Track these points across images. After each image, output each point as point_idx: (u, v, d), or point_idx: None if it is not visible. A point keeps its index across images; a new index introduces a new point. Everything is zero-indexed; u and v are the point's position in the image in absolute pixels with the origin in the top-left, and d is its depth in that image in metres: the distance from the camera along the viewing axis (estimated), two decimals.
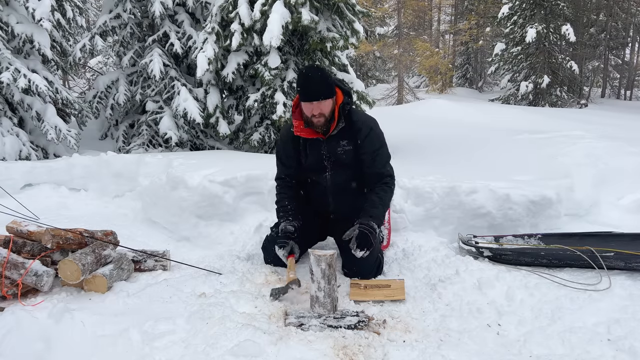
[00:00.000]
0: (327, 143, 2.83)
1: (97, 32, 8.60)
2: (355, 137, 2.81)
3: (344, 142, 2.82)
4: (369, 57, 23.43)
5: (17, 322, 2.14)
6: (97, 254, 2.77)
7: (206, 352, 2.04)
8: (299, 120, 2.80)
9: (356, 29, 6.77)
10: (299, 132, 2.80)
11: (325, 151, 2.85)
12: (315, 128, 2.76)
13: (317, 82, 2.65)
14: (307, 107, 2.68)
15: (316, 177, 2.95)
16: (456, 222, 3.39)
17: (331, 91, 2.69)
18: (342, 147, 2.83)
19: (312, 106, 2.66)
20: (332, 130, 2.77)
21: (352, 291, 2.62)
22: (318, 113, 2.68)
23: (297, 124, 2.81)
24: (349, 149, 2.83)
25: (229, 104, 7.94)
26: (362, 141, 2.81)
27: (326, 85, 2.66)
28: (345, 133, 2.81)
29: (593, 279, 2.70)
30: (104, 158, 4.79)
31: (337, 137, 2.82)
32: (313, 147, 2.86)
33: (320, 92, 2.64)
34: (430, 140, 7.54)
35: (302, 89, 2.67)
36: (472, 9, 25.45)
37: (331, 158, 2.86)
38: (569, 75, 18.03)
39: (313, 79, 2.65)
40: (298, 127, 2.80)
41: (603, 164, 4.29)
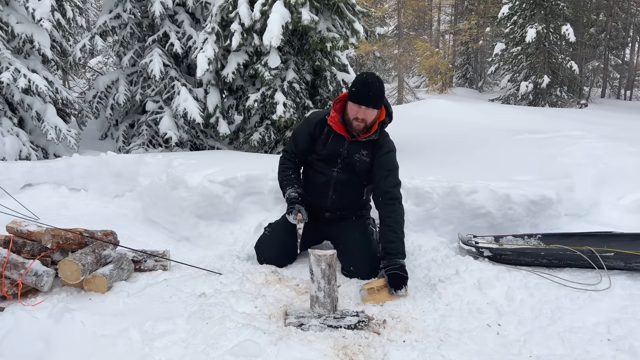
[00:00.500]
0: (350, 145, 2.93)
1: (97, 32, 8.60)
2: (376, 151, 2.92)
3: (364, 152, 2.93)
4: (369, 57, 23.41)
5: (17, 322, 2.14)
6: (97, 254, 2.77)
7: (206, 352, 2.04)
8: (337, 112, 2.90)
9: (356, 29, 6.78)
10: (333, 122, 2.90)
11: (345, 151, 2.93)
12: (350, 130, 2.86)
13: (374, 90, 2.74)
14: (354, 109, 2.77)
15: (324, 169, 3.01)
16: (456, 222, 3.39)
17: (381, 103, 2.81)
18: (360, 155, 2.93)
19: (360, 110, 2.75)
20: (363, 137, 2.87)
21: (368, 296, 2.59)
22: (362, 118, 2.78)
23: (334, 115, 2.90)
24: (366, 160, 2.93)
25: (229, 104, 7.94)
26: (380, 156, 2.91)
27: (380, 96, 2.77)
28: (369, 145, 2.92)
29: (593, 279, 2.70)
30: (104, 158, 4.79)
31: (361, 144, 2.92)
32: (335, 142, 2.94)
33: (373, 100, 2.74)
34: (430, 140, 7.54)
35: (359, 91, 2.74)
36: (472, 9, 25.45)
37: (346, 160, 2.94)
38: (569, 75, 18.03)
39: (373, 86, 2.74)
40: (334, 118, 2.90)
41: (603, 164, 4.29)
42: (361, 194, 3.08)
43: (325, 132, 2.96)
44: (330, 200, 3.03)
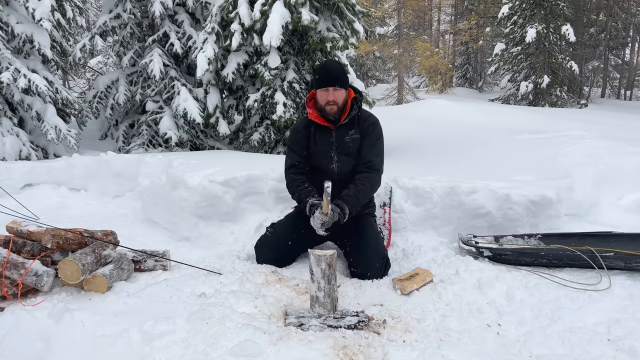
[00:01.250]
0: (337, 132, 3.01)
1: (97, 32, 8.60)
2: (361, 126, 3.03)
3: (352, 131, 3.01)
4: (369, 57, 23.42)
5: (17, 322, 2.14)
6: (97, 254, 2.77)
7: (206, 352, 2.04)
8: (312, 109, 3.03)
9: (356, 29, 6.77)
10: (313, 117, 3.00)
11: (334, 139, 3.01)
12: (327, 116, 2.96)
13: (335, 70, 2.92)
14: (323, 95, 2.92)
15: (324, 167, 3.04)
16: (456, 222, 3.39)
17: (346, 80, 2.94)
18: (350, 137, 3.01)
19: (328, 93, 2.89)
20: (343, 119, 2.98)
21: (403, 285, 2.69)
22: (332, 100, 2.90)
23: (311, 111, 3.03)
24: (356, 137, 3.01)
25: (229, 104, 7.94)
26: (365, 130, 3.02)
27: (343, 75, 2.92)
28: (354, 123, 3.03)
29: (593, 279, 2.70)
30: (104, 158, 4.79)
31: (346, 126, 3.01)
32: (323, 135, 3.03)
33: (337, 79, 2.88)
34: (430, 140, 7.54)
35: (320, 76, 2.92)
36: (472, 9, 25.45)
37: (339, 147, 3.00)
38: (569, 75, 18.02)
39: (332, 67, 2.94)
40: (312, 114, 3.01)
41: (603, 164, 4.29)
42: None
43: (312, 131, 3.06)
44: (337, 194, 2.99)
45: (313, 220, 2.80)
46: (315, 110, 3.02)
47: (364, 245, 2.90)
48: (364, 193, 2.93)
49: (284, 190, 3.53)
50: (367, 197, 3.00)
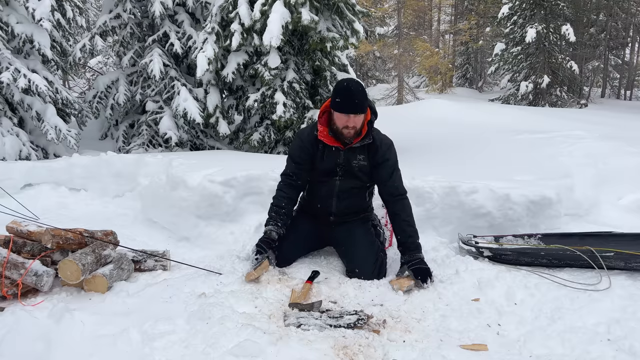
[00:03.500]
0: (345, 153, 2.91)
1: (97, 32, 8.61)
2: (373, 153, 2.91)
3: (361, 156, 2.92)
4: (369, 57, 23.42)
5: (17, 322, 2.14)
6: (97, 254, 2.77)
7: (206, 352, 2.04)
8: (324, 126, 2.88)
9: (356, 29, 6.78)
10: (322, 137, 2.88)
11: (341, 160, 2.92)
12: (342, 139, 2.85)
13: (359, 96, 2.72)
14: (342, 119, 2.76)
15: (326, 179, 3.01)
16: (456, 222, 3.39)
17: (366, 106, 2.79)
18: (357, 161, 2.92)
19: (348, 119, 2.74)
20: (355, 142, 2.86)
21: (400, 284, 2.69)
22: (352, 126, 2.77)
23: (322, 129, 2.88)
24: (364, 164, 2.93)
25: (229, 104, 7.94)
26: (381, 157, 2.91)
27: (364, 100, 2.75)
28: (364, 149, 2.91)
29: (593, 279, 2.70)
30: (104, 158, 4.79)
31: (355, 150, 2.91)
32: (330, 154, 2.93)
33: (359, 107, 2.72)
34: (430, 140, 7.54)
35: (343, 101, 2.72)
36: (472, 9, 25.45)
37: (345, 167, 2.94)
38: (569, 75, 18.02)
39: (355, 93, 2.72)
40: (322, 132, 2.88)
41: (603, 164, 4.29)
42: (364, 197, 3.10)
43: (319, 147, 2.94)
44: (336, 207, 3.03)
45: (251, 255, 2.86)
46: (326, 128, 2.88)
47: (356, 251, 2.93)
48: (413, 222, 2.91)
49: None
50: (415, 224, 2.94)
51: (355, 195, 3.04)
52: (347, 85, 2.75)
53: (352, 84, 2.76)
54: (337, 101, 2.73)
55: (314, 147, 2.95)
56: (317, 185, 3.07)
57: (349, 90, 2.72)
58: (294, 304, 2.45)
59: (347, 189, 2.99)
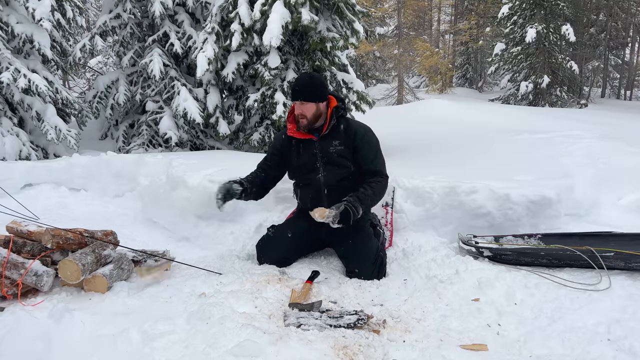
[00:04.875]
0: (320, 143, 2.98)
1: (97, 32, 8.61)
2: (351, 139, 2.96)
3: (336, 142, 2.97)
4: (369, 57, 23.43)
5: (17, 322, 2.14)
6: (97, 254, 2.76)
7: (206, 352, 2.04)
8: (292, 123, 3.02)
9: (356, 29, 6.78)
10: (292, 133, 3.01)
11: (318, 150, 2.98)
12: (301, 129, 2.96)
13: (302, 84, 2.92)
14: (295, 107, 2.95)
15: (310, 178, 3.02)
16: (456, 222, 3.39)
17: (316, 95, 2.91)
18: (334, 147, 2.97)
19: (297, 106, 2.92)
20: (325, 130, 2.96)
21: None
22: (299, 113, 2.92)
23: (291, 126, 3.02)
24: (341, 148, 2.96)
25: (229, 104, 7.94)
26: (360, 142, 2.97)
27: (311, 89, 2.91)
28: (338, 134, 2.98)
29: (593, 279, 2.70)
30: (104, 158, 4.79)
31: (329, 137, 2.97)
32: (306, 147, 3.01)
33: (302, 93, 2.88)
34: (430, 140, 7.54)
35: (292, 89, 2.97)
36: (472, 9, 25.45)
37: (323, 158, 2.98)
38: (569, 75, 18.02)
39: (301, 81, 2.95)
40: (291, 129, 3.01)
41: (603, 164, 4.29)
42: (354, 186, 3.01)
43: (293, 144, 3.05)
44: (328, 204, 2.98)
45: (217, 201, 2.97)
46: (294, 124, 3.01)
47: (355, 251, 2.92)
48: (378, 195, 2.95)
49: (284, 190, 3.55)
50: (377, 200, 3.00)
51: (344, 187, 2.97)
52: (299, 76, 3.03)
53: (304, 75, 3.04)
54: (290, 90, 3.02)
55: (286, 145, 3.07)
56: (304, 187, 3.08)
57: (298, 80, 2.97)
58: (294, 304, 2.45)
59: (334, 183, 2.98)
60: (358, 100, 7.12)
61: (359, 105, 7.17)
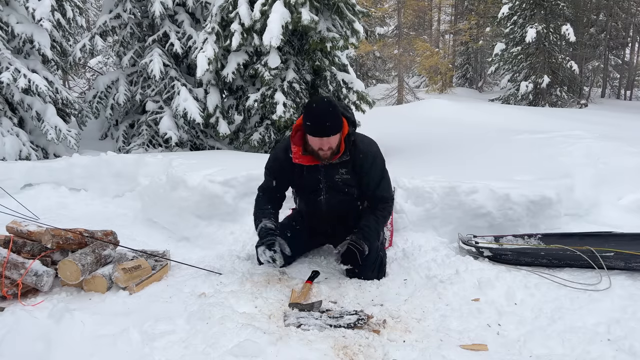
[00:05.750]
0: (325, 169, 2.78)
1: (97, 32, 8.61)
2: (358, 167, 2.76)
3: (343, 170, 2.77)
4: (369, 57, 23.43)
5: (17, 322, 2.14)
6: (97, 254, 2.77)
7: (206, 352, 2.04)
8: (298, 146, 2.69)
9: (356, 29, 6.78)
10: (297, 159, 2.71)
11: (322, 176, 2.81)
12: (319, 160, 2.68)
13: (328, 118, 2.51)
14: (315, 142, 2.58)
15: (311, 198, 2.92)
16: (456, 222, 3.39)
17: (340, 125, 2.57)
18: (340, 175, 2.78)
19: (322, 142, 2.56)
20: (335, 160, 2.71)
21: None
22: (327, 148, 2.59)
23: (296, 150, 2.69)
24: (347, 177, 2.79)
25: (229, 104, 7.94)
26: (367, 170, 2.77)
27: (336, 120, 2.54)
28: (346, 163, 2.76)
29: (593, 279, 2.70)
30: (104, 158, 4.79)
31: (336, 165, 2.76)
32: (310, 171, 2.80)
33: (331, 129, 2.52)
34: (430, 140, 7.54)
35: (312, 125, 2.53)
36: (472, 9, 25.46)
37: (327, 183, 2.82)
38: (569, 75, 18.03)
39: (324, 115, 2.51)
40: (297, 154, 2.70)
41: (603, 164, 4.29)
42: (356, 206, 2.99)
43: (297, 166, 2.77)
44: (329, 222, 2.99)
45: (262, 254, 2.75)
46: (300, 148, 2.68)
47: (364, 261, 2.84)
48: (382, 224, 2.83)
49: None
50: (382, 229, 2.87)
51: (345, 208, 2.94)
52: (316, 108, 2.54)
53: (321, 105, 2.54)
54: (308, 124, 2.54)
55: (288, 167, 2.80)
56: (304, 201, 3.01)
57: (318, 113, 2.52)
58: (294, 304, 2.45)
59: (335, 205, 2.90)
60: (358, 100, 7.12)
61: (359, 105, 7.17)
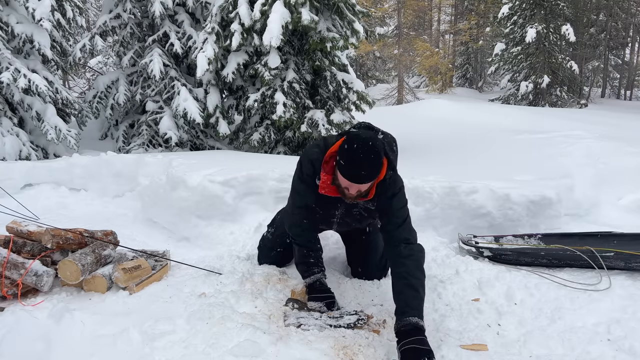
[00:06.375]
0: (346, 206, 2.56)
1: (97, 32, 8.61)
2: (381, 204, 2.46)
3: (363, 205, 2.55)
4: (369, 57, 23.44)
5: (17, 322, 2.14)
6: (97, 254, 2.77)
7: (206, 352, 2.04)
8: (328, 175, 2.40)
9: (356, 29, 6.78)
10: (324, 189, 2.42)
11: (342, 210, 2.60)
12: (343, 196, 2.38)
13: (367, 167, 2.21)
14: (345, 182, 2.28)
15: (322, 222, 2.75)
16: (456, 222, 3.39)
17: (377, 173, 2.27)
18: (358, 209, 2.57)
19: (352, 186, 2.27)
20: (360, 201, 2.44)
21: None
22: (356, 192, 2.30)
23: (325, 179, 2.41)
24: (368, 207, 2.55)
25: (229, 104, 7.94)
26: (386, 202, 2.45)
27: (375, 170, 2.24)
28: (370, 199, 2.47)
29: (593, 279, 2.70)
30: (104, 158, 4.79)
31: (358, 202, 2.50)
32: (329, 203, 2.55)
33: (367, 178, 2.24)
34: (430, 140, 7.54)
35: (348, 168, 2.21)
36: (472, 9, 25.46)
37: (344, 214, 2.63)
38: (569, 75, 18.04)
39: (366, 163, 2.19)
40: (325, 184, 2.41)
41: (603, 164, 4.29)
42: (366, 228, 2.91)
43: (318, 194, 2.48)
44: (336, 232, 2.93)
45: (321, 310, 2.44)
46: (330, 177, 2.39)
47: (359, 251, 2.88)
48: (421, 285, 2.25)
49: (284, 190, 3.54)
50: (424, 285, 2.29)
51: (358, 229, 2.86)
52: (357, 149, 2.17)
53: (363, 149, 2.17)
54: (342, 164, 2.22)
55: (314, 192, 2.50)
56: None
57: (358, 158, 2.18)
58: (292, 299, 2.46)
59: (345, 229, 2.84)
60: (358, 100, 7.12)
61: (359, 105, 7.17)
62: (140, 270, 2.77)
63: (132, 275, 2.71)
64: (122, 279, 2.65)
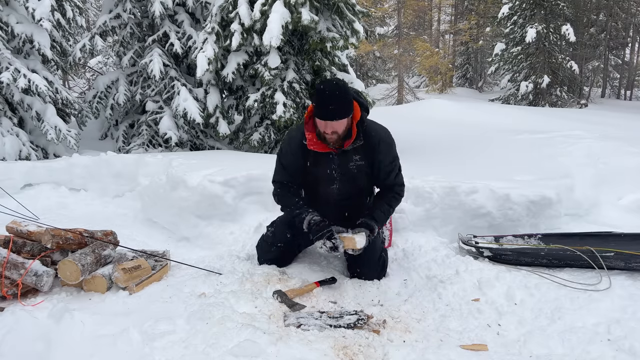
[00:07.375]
0: (339, 157, 2.73)
1: (97, 32, 8.60)
2: (371, 153, 2.72)
3: (357, 157, 2.73)
4: (369, 57, 23.43)
5: (17, 322, 2.14)
6: (96, 254, 2.77)
7: (206, 352, 2.04)
8: (312, 132, 2.65)
9: (356, 29, 6.78)
10: (312, 145, 2.66)
11: (336, 165, 2.75)
12: (327, 144, 2.65)
13: (335, 101, 2.47)
14: (321, 124, 2.55)
15: (323, 188, 2.86)
16: (456, 222, 3.39)
17: (348, 110, 2.54)
18: (354, 162, 2.74)
19: (327, 125, 2.52)
20: (347, 146, 2.65)
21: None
22: (331, 132, 2.55)
23: (310, 136, 2.65)
24: (361, 164, 2.74)
25: (229, 104, 7.94)
26: (383, 156, 2.73)
27: (344, 105, 2.51)
28: (359, 148, 2.70)
29: (593, 279, 2.70)
30: (104, 158, 4.79)
31: (350, 152, 2.71)
32: (323, 159, 2.74)
33: (337, 113, 2.48)
34: (430, 140, 7.54)
35: (320, 107, 2.50)
36: (472, 9, 25.46)
37: (341, 171, 2.77)
38: (569, 75, 18.04)
39: (331, 98, 2.47)
40: (311, 140, 2.65)
41: (603, 164, 4.29)
42: (364, 201, 2.98)
43: (311, 154, 2.72)
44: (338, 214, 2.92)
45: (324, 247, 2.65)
46: (314, 134, 2.64)
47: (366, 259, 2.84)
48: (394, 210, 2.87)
49: None
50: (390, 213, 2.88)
51: (355, 203, 2.92)
52: (323, 89, 2.49)
53: (328, 88, 2.49)
54: (314, 106, 2.52)
55: (304, 153, 2.74)
56: (316, 194, 2.92)
57: (325, 95, 2.48)
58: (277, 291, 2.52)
59: (348, 194, 2.86)
60: None
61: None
62: (140, 271, 2.77)
63: (132, 275, 2.71)
64: (122, 279, 2.65)
